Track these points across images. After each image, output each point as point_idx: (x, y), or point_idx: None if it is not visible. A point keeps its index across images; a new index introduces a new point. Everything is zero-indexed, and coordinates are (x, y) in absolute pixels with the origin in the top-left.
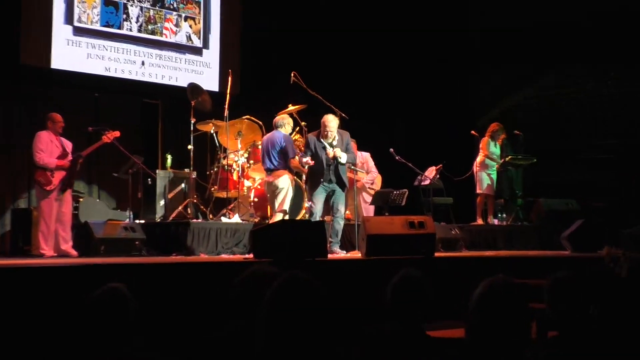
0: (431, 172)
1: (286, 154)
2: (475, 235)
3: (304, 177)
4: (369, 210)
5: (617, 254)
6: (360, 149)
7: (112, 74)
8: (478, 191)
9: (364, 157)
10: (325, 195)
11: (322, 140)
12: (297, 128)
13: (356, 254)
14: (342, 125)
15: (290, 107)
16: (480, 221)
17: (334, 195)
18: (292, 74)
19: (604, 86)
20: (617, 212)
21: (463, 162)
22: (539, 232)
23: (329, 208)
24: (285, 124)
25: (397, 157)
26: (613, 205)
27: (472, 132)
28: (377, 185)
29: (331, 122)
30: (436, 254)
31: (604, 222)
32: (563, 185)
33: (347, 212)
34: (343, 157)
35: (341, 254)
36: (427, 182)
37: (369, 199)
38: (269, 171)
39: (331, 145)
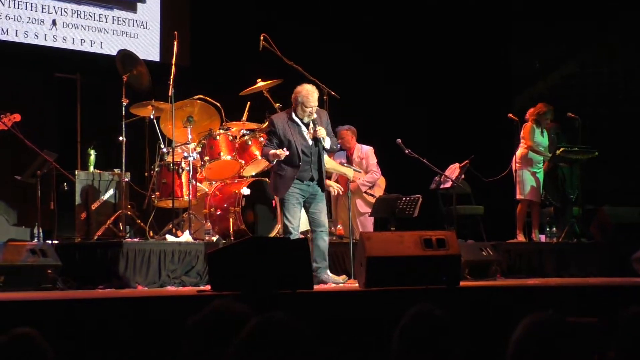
0: (454, 170)
1: None
2: (515, 257)
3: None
4: (367, 223)
5: None
6: (359, 140)
7: (10, 37)
8: (519, 196)
9: (364, 152)
10: (304, 202)
11: (295, 118)
12: (267, 114)
13: (352, 284)
14: (331, 108)
15: (260, 84)
16: (521, 237)
17: (313, 201)
18: (262, 38)
19: None
20: None
21: (497, 157)
22: (602, 252)
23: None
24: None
25: (406, 151)
26: None
27: (510, 115)
28: (380, 191)
29: (313, 93)
30: (462, 283)
31: None
32: (636, 188)
33: (339, 226)
34: (327, 141)
35: (331, 283)
36: (449, 184)
37: (367, 208)
38: None
39: (314, 123)
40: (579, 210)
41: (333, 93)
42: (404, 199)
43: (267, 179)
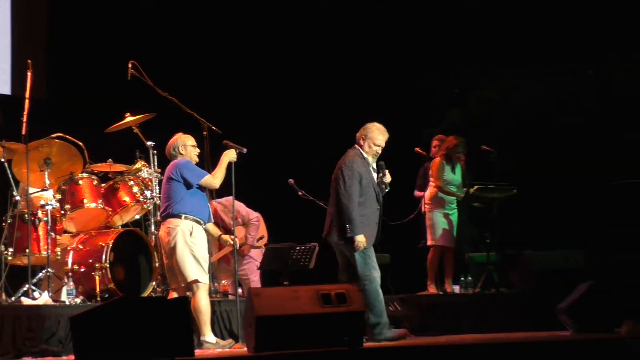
0: None
1: (173, 190)
2: (427, 312)
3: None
4: (252, 277)
5: None
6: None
7: None
8: (430, 242)
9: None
10: None
11: (366, 156)
12: (138, 154)
13: (239, 348)
14: (211, 144)
15: (129, 118)
16: (432, 289)
17: None
18: (130, 65)
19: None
20: None
21: (404, 198)
22: (524, 302)
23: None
24: (179, 147)
25: (300, 192)
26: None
27: (417, 149)
28: (263, 229)
29: (384, 132)
30: (366, 344)
31: (623, 285)
32: (564, 230)
33: (223, 281)
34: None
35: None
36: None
37: (253, 261)
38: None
39: (381, 166)
40: (497, 256)
41: (214, 128)
42: (297, 248)
43: (138, 229)
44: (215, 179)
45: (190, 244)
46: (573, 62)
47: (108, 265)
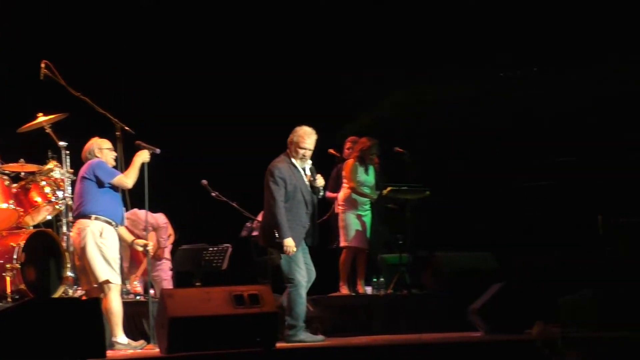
0: None
1: (85, 189)
2: (339, 313)
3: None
4: (164, 277)
5: (554, 335)
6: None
7: None
8: (343, 244)
9: (141, 216)
10: None
11: (294, 161)
12: (50, 154)
13: (151, 349)
14: (125, 145)
15: (41, 118)
16: (345, 290)
17: (304, 252)
18: (43, 65)
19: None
20: (557, 270)
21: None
22: (436, 303)
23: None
24: (94, 150)
25: (213, 194)
26: (552, 260)
27: (331, 150)
28: (170, 228)
29: (310, 135)
30: (279, 345)
31: (534, 286)
32: (475, 232)
33: (135, 282)
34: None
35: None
36: None
37: (166, 262)
38: None
39: (312, 170)
40: (409, 257)
41: (127, 128)
42: (210, 249)
43: (50, 230)
44: (127, 178)
45: (100, 245)
46: (486, 64)
47: (19, 266)
